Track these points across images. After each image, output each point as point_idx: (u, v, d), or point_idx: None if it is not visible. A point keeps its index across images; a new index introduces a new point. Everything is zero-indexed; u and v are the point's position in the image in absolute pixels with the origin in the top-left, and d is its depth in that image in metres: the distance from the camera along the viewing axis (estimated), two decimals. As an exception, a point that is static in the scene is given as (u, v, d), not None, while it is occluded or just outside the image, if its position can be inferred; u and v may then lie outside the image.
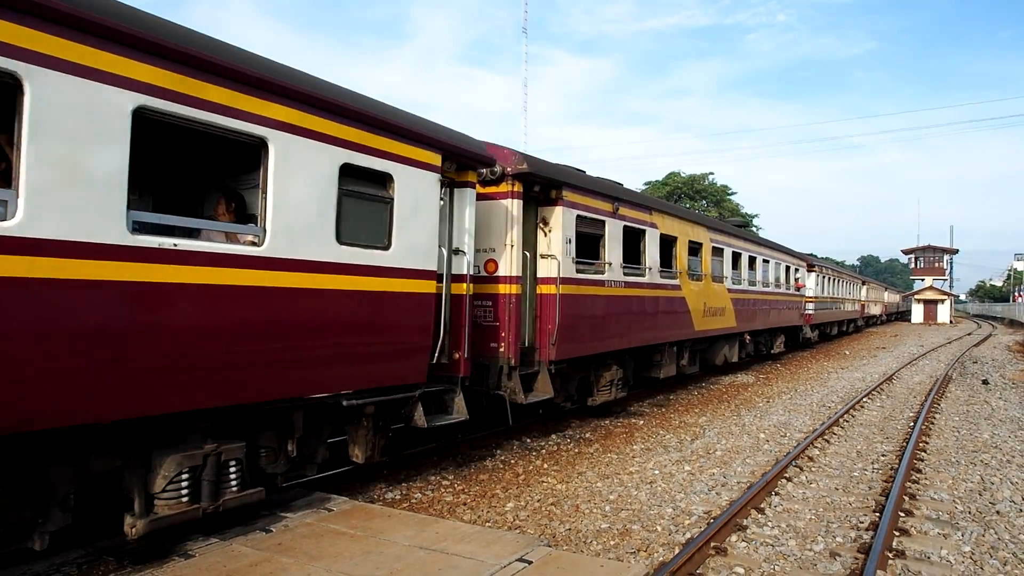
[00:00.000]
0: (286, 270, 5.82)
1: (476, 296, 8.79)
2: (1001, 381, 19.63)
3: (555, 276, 9.86)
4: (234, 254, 5.46)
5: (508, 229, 9.27)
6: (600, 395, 11.84)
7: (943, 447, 10.70)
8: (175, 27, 5.15)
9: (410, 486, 8.08)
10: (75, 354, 4.46)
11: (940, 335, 46.45)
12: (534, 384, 9.80)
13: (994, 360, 27.00)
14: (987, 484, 8.63)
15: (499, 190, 9.29)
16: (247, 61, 5.60)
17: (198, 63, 5.14)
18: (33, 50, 4.20)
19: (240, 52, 5.61)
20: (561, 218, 10.04)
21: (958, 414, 13.80)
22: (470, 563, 5.23)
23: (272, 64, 5.88)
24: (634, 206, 12.65)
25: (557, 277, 9.86)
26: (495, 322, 9.18)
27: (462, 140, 8.13)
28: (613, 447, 10.34)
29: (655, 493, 8.01)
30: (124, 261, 4.67)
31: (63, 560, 5.23)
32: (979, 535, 6.83)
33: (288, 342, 5.89)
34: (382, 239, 6.88)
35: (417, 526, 6.09)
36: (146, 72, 4.81)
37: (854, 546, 6.41)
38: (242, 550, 5.42)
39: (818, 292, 29.95)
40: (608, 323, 11.46)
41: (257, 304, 5.61)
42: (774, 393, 16.43)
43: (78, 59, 4.43)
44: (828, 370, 21.98)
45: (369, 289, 6.64)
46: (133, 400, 4.82)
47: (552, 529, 6.79)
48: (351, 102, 6.51)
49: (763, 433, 11.48)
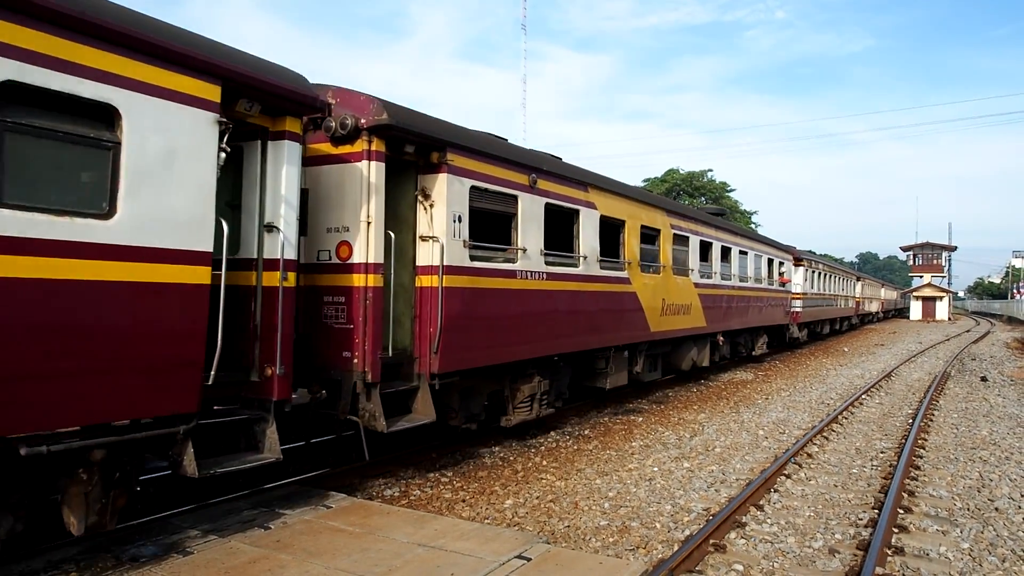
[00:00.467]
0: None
1: (327, 291, 7.34)
2: (1000, 378, 19.65)
3: (437, 264, 7.81)
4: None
5: (364, 201, 7.20)
6: (518, 413, 9.65)
7: (942, 444, 10.70)
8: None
9: (409, 483, 8.07)
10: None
11: (939, 332, 46.49)
12: (412, 404, 7.85)
13: (992, 357, 27.02)
14: (986, 481, 8.63)
15: (353, 149, 7.26)
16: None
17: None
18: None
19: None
20: (446, 189, 7.90)
21: (957, 411, 13.81)
22: (469, 560, 5.22)
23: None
24: (561, 179, 10.35)
25: (440, 265, 7.79)
26: (348, 324, 7.15)
27: (264, 69, 5.98)
28: (612, 444, 10.33)
29: (654, 490, 8.01)
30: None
31: (62, 557, 5.22)
32: (978, 532, 6.83)
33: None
34: (98, 202, 4.80)
35: (416, 523, 6.08)
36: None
37: (853, 543, 6.41)
38: (240, 547, 5.41)
39: (807, 288, 28.05)
40: (523, 324, 9.30)
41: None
42: (773, 390, 16.44)
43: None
44: (827, 367, 21.99)
45: (67, 277, 4.55)
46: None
47: (551, 526, 6.78)
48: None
49: (762, 430, 11.48)
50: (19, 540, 4.91)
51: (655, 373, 14.42)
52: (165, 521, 6.02)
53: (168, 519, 6.09)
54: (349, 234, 7.26)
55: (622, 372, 12.44)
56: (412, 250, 7.97)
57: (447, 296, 7.89)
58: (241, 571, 4.97)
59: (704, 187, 62.09)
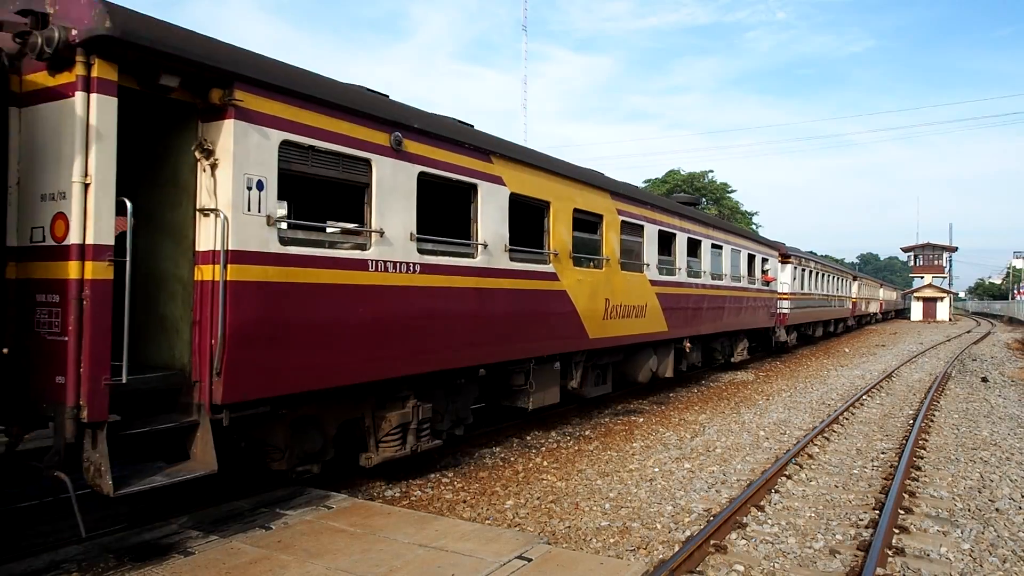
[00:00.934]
0: None
1: (39, 286, 5.17)
2: (1000, 379, 19.65)
3: (219, 248, 5.66)
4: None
5: (79, 152, 4.98)
6: (385, 448, 7.46)
7: (943, 445, 10.70)
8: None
9: (409, 484, 8.08)
10: None
11: (939, 333, 46.47)
12: (191, 447, 5.68)
13: (993, 358, 27.03)
14: (986, 482, 8.63)
15: (68, 78, 5.05)
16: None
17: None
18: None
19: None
20: (234, 142, 5.70)
21: (957, 412, 13.81)
22: (470, 561, 5.23)
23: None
24: (446, 143, 7.94)
25: (223, 250, 5.66)
26: (61, 335, 5.00)
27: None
28: (613, 444, 10.33)
29: (655, 491, 8.01)
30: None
31: (63, 557, 5.23)
32: (979, 532, 6.84)
33: None
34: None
35: (416, 524, 6.08)
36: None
37: (854, 544, 6.41)
38: (242, 547, 5.42)
39: (795, 288, 26.18)
40: (385, 333, 7.09)
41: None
42: (774, 391, 16.44)
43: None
44: (827, 368, 22.00)
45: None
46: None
47: (552, 527, 6.79)
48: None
49: (763, 431, 11.48)
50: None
51: (603, 387, 12.32)
52: (166, 521, 6.02)
53: (169, 519, 6.09)
54: (65, 203, 5.04)
55: (551, 389, 10.29)
56: (192, 230, 5.85)
57: (236, 294, 5.72)
58: (242, 571, 4.97)
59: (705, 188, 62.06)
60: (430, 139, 7.74)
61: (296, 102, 6.27)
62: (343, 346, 6.68)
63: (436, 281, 7.76)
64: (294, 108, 6.25)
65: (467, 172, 8.28)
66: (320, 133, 6.49)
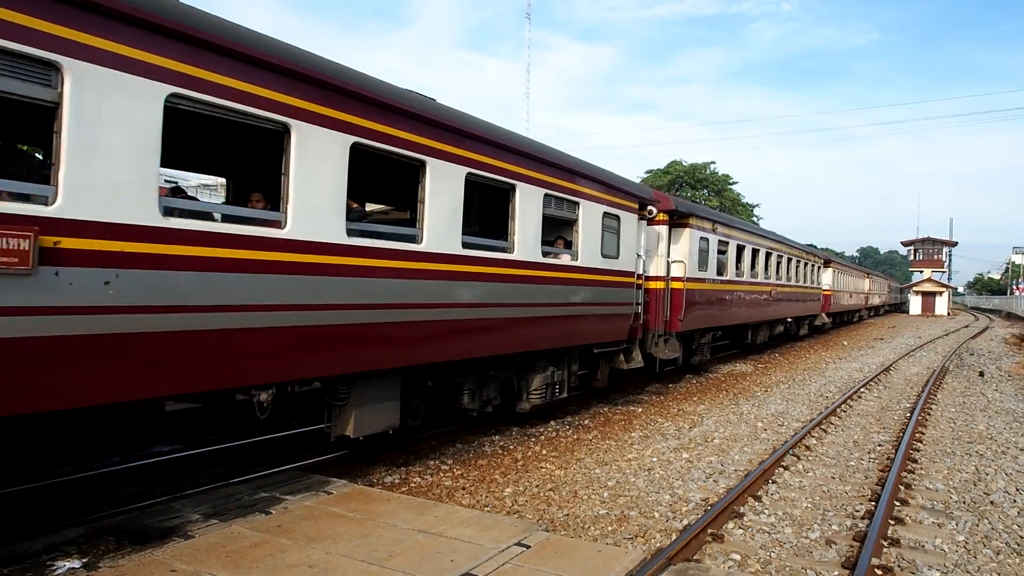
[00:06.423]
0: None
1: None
2: (997, 373, 19.71)
3: None
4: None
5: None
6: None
7: (939, 438, 10.75)
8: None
9: (409, 470, 8.11)
10: None
11: (938, 327, 46.56)
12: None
13: (991, 352, 27.09)
14: (982, 475, 8.68)
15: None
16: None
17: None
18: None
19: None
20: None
21: (954, 405, 13.86)
22: (468, 547, 5.26)
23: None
24: None
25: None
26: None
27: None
28: (611, 434, 10.37)
29: (653, 480, 8.05)
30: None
31: (63, 540, 5.25)
32: (973, 524, 6.88)
33: None
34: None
35: (416, 510, 6.11)
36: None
37: (850, 534, 6.46)
38: (241, 531, 5.45)
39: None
40: None
41: None
42: (772, 383, 16.48)
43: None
44: (826, 360, 22.04)
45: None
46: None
47: (550, 514, 6.82)
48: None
49: (761, 422, 11.52)
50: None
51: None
52: (166, 505, 6.05)
53: (169, 503, 6.12)
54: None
55: None
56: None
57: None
58: (242, 555, 5.00)
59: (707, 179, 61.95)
60: None
61: None
62: None
63: None
64: None
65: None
66: None
